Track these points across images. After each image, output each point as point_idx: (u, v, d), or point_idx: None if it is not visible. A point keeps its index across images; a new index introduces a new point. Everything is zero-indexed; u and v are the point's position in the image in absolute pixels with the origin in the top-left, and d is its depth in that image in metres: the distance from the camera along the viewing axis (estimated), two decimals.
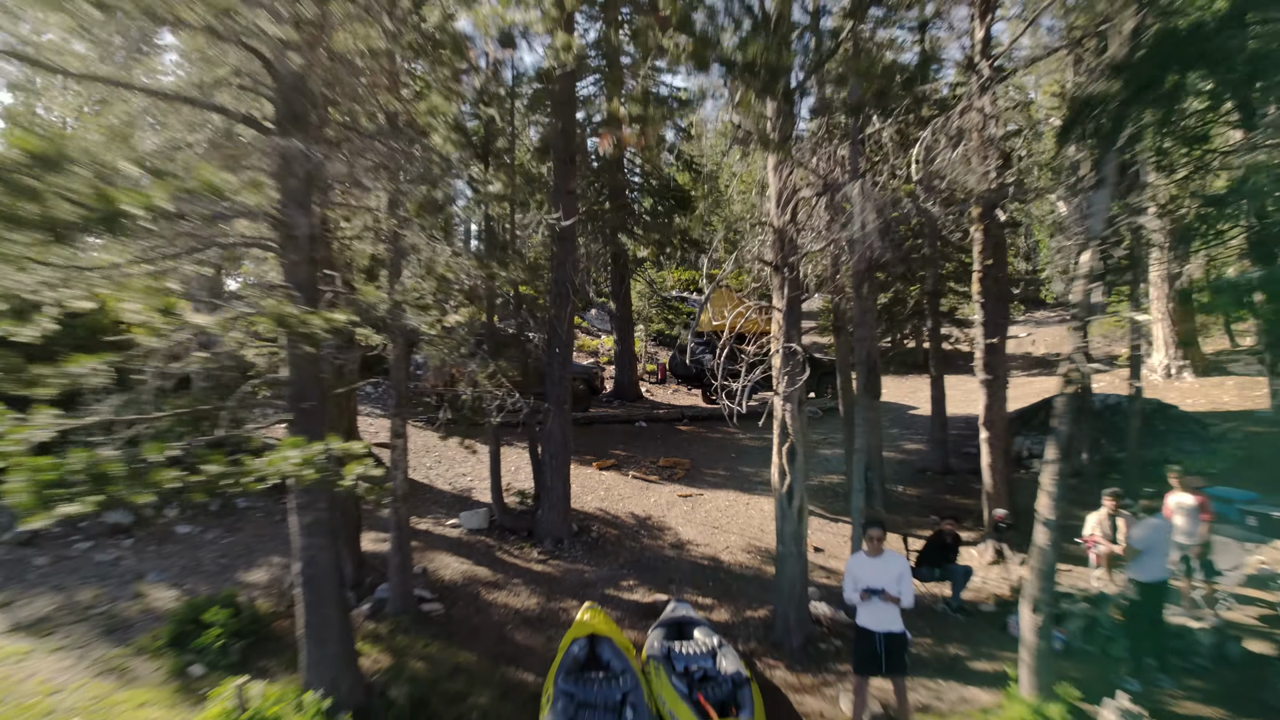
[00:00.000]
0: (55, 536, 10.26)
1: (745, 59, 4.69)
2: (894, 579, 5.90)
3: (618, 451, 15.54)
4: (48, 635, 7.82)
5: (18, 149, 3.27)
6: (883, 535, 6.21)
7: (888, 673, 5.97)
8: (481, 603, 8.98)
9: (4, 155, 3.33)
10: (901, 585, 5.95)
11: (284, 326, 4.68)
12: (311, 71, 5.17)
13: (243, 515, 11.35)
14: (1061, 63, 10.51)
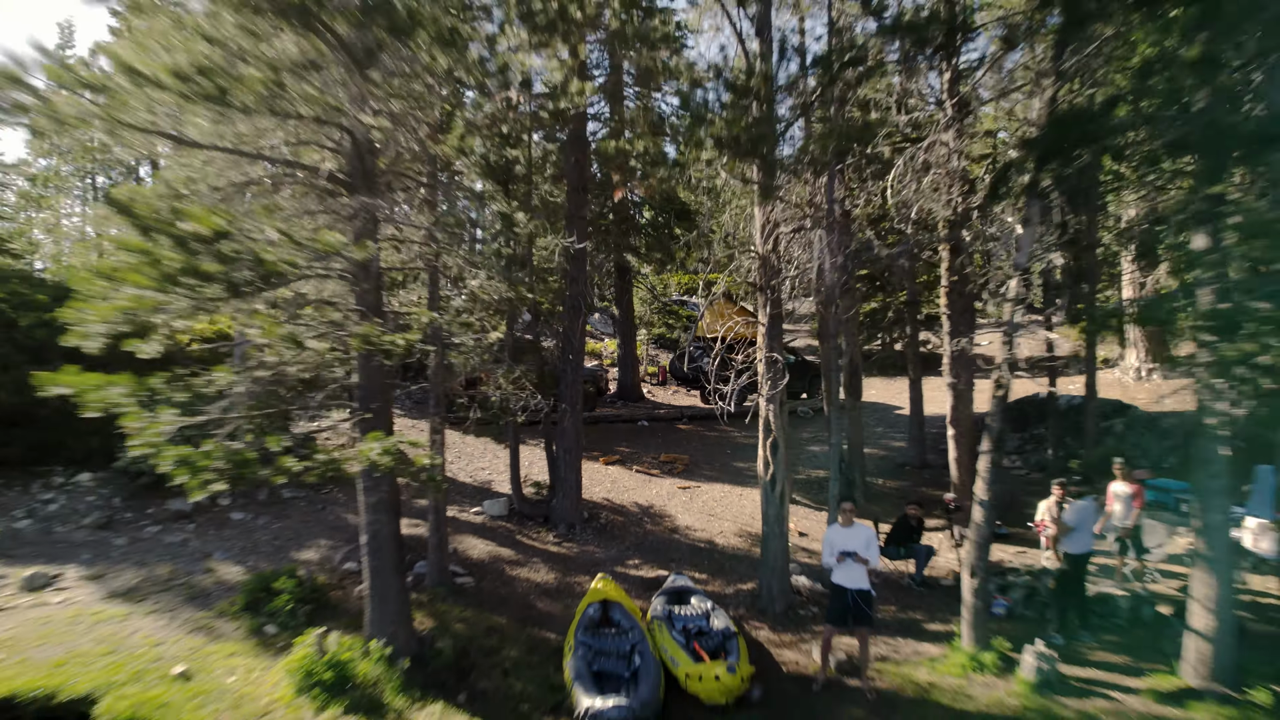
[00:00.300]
0: (128, 522, 11.63)
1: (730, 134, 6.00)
2: (863, 544, 7.24)
3: (622, 448, 16.87)
4: (140, 601, 9.16)
5: (205, 226, 4.59)
6: (853, 509, 7.56)
7: (855, 624, 7.30)
8: (506, 577, 10.33)
9: (195, 230, 4.65)
10: (869, 550, 7.28)
11: (369, 345, 6.01)
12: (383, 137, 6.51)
13: (289, 504, 12.70)
14: (1018, 102, 11.80)
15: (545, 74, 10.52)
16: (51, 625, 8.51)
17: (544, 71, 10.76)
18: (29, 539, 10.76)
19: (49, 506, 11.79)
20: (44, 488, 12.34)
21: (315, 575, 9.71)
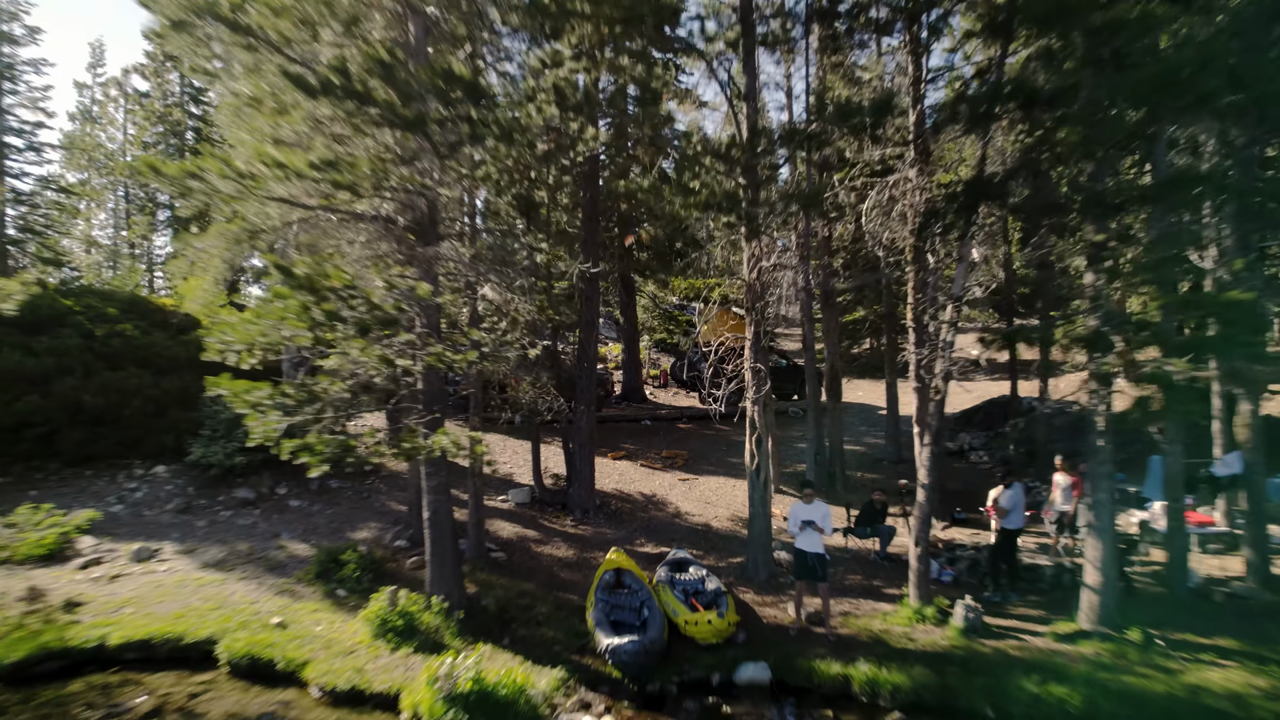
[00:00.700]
0: (203, 507, 13.47)
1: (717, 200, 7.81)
2: (820, 517, 9.07)
3: (627, 445, 18.69)
4: (230, 570, 11.00)
5: (338, 281, 6.40)
6: (814, 492, 9.38)
7: (815, 579, 9.13)
8: (532, 553, 12.15)
9: (332, 282, 6.45)
10: (825, 521, 9.11)
11: (441, 363, 7.83)
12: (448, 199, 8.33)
13: (337, 493, 14.53)
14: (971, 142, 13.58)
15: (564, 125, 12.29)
16: (163, 588, 10.34)
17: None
18: (125, 521, 12.59)
19: (135, 494, 13.63)
20: (128, 478, 14.18)
21: (373, 550, 11.52)
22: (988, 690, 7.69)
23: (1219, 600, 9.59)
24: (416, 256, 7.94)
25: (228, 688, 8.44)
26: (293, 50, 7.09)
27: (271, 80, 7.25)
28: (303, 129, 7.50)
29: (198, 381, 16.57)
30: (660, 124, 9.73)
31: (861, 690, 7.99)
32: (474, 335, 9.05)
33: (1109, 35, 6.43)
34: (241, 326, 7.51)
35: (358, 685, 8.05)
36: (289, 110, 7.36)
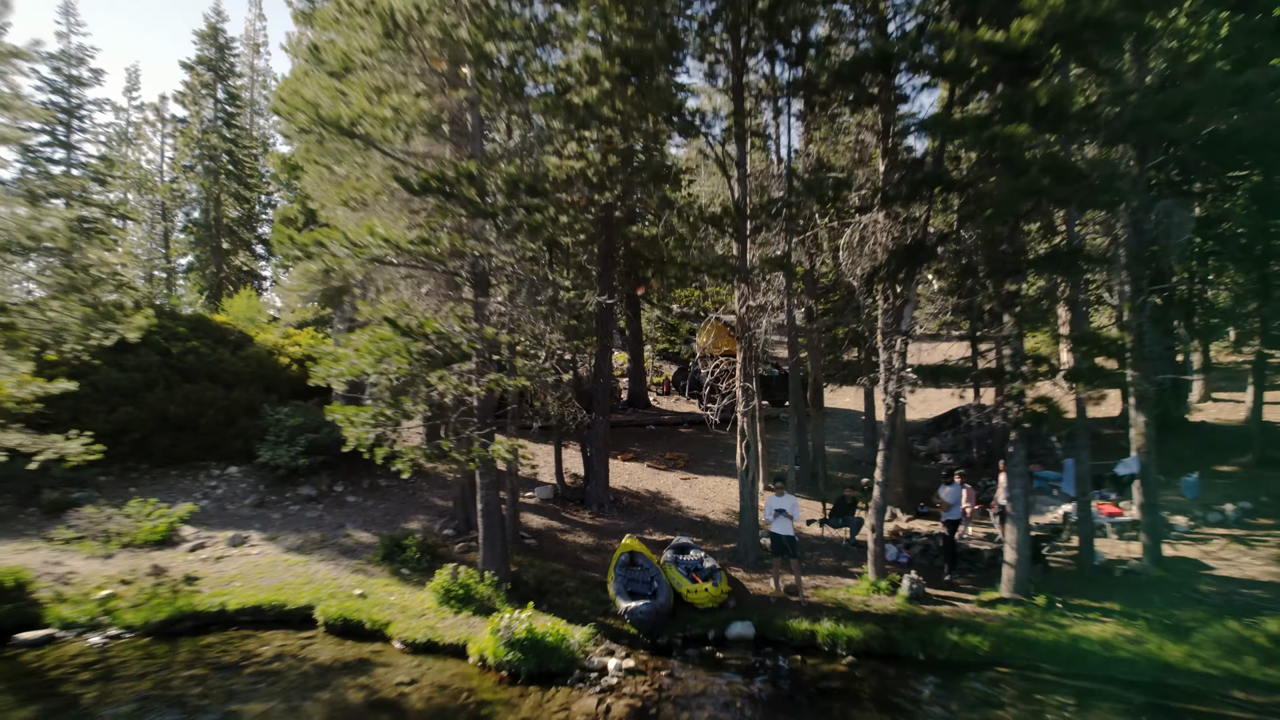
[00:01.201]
0: (274, 503, 15.77)
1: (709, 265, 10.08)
2: (790, 506, 11.37)
3: (635, 448, 20.98)
4: (310, 554, 13.30)
5: (429, 328, 8.67)
6: (784, 485, 11.71)
7: (788, 556, 11.44)
8: (559, 540, 14.45)
9: (418, 327, 8.73)
10: (794, 510, 11.42)
11: (497, 387, 10.12)
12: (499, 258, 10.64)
13: (386, 491, 16.81)
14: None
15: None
16: (260, 567, 12.65)
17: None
18: (213, 513, 14.90)
19: (216, 491, 15.93)
20: (208, 477, 16.48)
21: (426, 537, 13.81)
22: (920, 640, 10.00)
23: (1117, 575, 11.89)
24: (475, 303, 10.25)
25: (327, 642, 10.73)
26: (391, 149, 9.40)
27: (378, 174, 9.55)
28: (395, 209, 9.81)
29: (258, 393, 18.95)
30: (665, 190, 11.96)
31: (824, 642, 10.29)
32: (518, 363, 11.35)
33: (998, 146, 8.71)
34: (346, 359, 9.81)
35: (431, 638, 10.35)
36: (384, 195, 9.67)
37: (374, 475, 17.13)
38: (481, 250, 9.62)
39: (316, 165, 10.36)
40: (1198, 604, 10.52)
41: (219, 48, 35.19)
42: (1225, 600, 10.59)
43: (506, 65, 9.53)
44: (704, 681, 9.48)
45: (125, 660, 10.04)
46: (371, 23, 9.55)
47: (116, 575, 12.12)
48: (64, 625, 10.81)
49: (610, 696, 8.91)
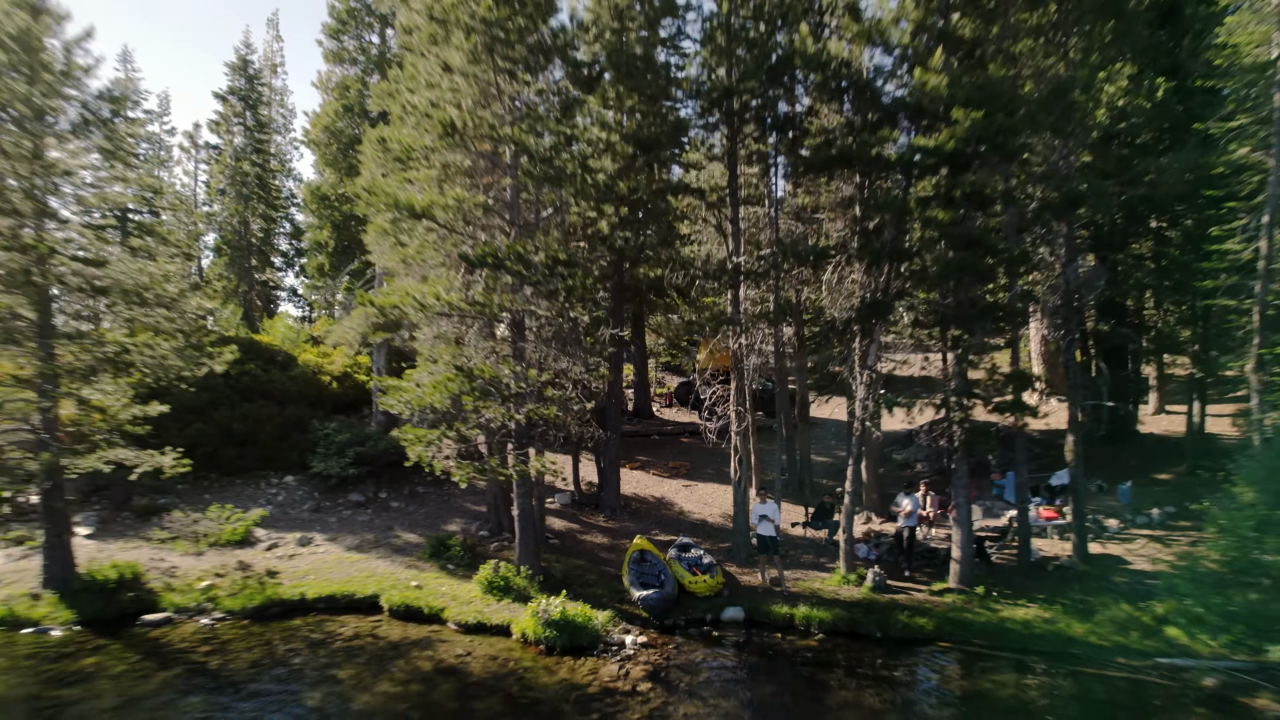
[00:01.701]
0: (328, 508, 18.08)
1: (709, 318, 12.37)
2: (772, 511, 13.69)
3: (641, 457, 23.29)
4: (367, 552, 15.61)
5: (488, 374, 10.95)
6: (765, 492, 14.01)
7: (772, 553, 13.75)
8: (578, 540, 16.76)
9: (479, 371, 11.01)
10: (775, 515, 13.73)
11: (535, 415, 12.44)
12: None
13: (425, 497, 19.13)
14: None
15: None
16: (327, 563, 14.97)
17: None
18: (278, 518, 17.22)
19: (277, 498, 18.26)
20: (268, 485, 18.80)
21: (466, 538, 16.12)
22: (878, 622, 12.31)
23: (1050, 570, 14.21)
24: (515, 347, 12.58)
25: (393, 624, 13.04)
26: (454, 228, 11.72)
27: (434, 242, 11.87)
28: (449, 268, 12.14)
29: (306, 409, 21.25)
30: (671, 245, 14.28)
31: (800, 623, 12.60)
32: (549, 393, 13.66)
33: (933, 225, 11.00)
34: (413, 392, 12.13)
35: (480, 620, 12.65)
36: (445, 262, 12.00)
37: (413, 483, 19.46)
38: (522, 306, 11.95)
39: (386, 235, 12.64)
40: (1108, 592, 12.82)
41: (249, 78, 37.53)
42: (1130, 588, 12.90)
43: (544, 158, 11.83)
44: (702, 654, 11.79)
45: (233, 637, 12.36)
46: (432, 125, 11.85)
47: (210, 569, 14.45)
48: (177, 609, 13.13)
49: (628, 664, 11.22)
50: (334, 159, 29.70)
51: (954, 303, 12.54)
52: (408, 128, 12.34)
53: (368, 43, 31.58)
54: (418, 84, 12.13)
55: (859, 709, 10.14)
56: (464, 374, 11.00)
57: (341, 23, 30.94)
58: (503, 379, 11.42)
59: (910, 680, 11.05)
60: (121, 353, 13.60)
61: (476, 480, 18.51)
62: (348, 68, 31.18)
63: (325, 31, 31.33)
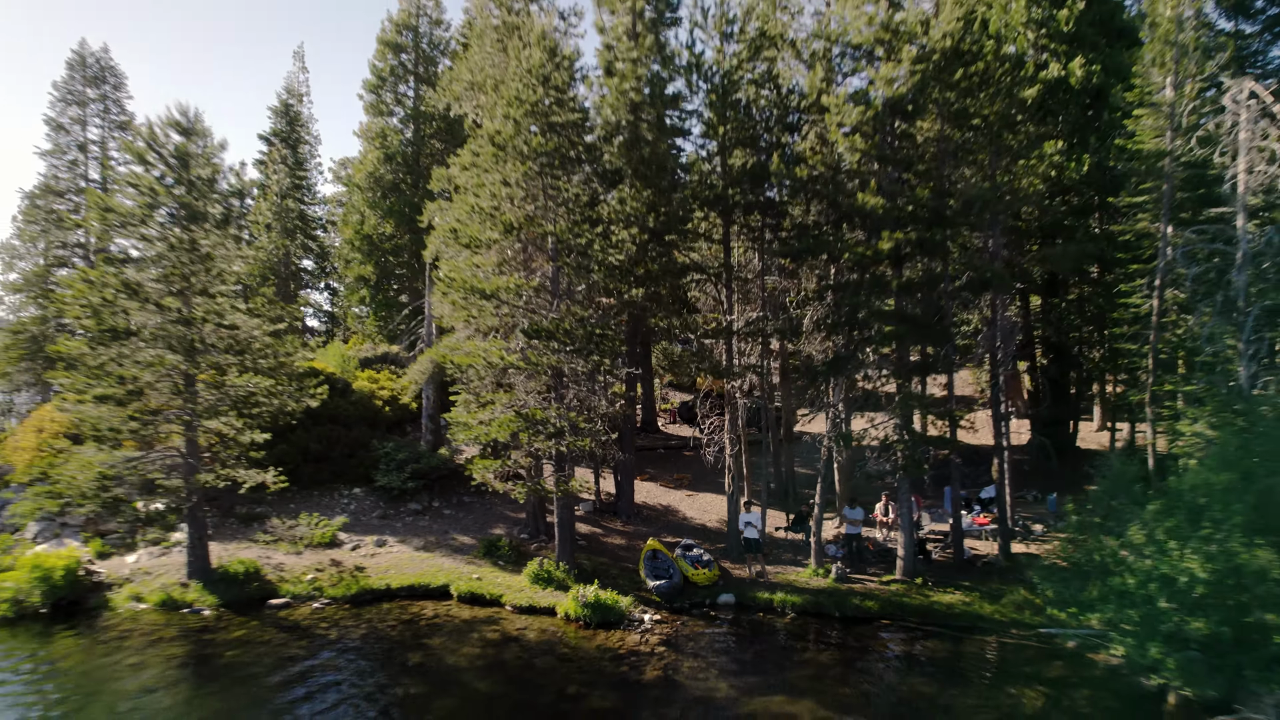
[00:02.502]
0: (393, 515, 21.82)
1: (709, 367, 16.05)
2: (756, 519, 17.43)
3: (649, 469, 27.00)
4: (431, 552, 19.34)
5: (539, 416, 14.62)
6: (751, 503, 17.74)
7: (756, 552, 17.48)
8: (600, 541, 20.48)
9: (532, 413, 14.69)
10: (758, 521, 17.47)
11: (574, 445, 16.17)
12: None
13: (470, 506, 22.85)
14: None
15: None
16: (402, 560, 18.70)
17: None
18: (353, 524, 20.95)
19: (350, 507, 21.99)
20: (340, 497, 22.54)
21: (511, 540, 19.84)
22: (836, 604, 16.03)
23: (977, 566, 17.92)
24: (558, 393, 16.31)
25: (462, 608, 16.75)
26: (514, 305, 15.43)
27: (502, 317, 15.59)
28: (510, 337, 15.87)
29: (366, 430, 24.95)
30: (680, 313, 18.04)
31: (777, 605, 16.31)
32: (582, 426, 17.37)
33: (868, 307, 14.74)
34: (480, 429, 15.86)
35: (531, 603, 16.37)
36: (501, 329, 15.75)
37: (459, 494, 23.20)
38: (563, 362, 15.67)
39: (458, 308, 16.28)
40: (1018, 582, 16.51)
41: (290, 121, 41.29)
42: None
43: (579, 250, 15.56)
44: (703, 628, 15.51)
45: (341, 617, 16.09)
46: (495, 225, 15.55)
47: (311, 565, 18.18)
48: (293, 596, 16.86)
49: (647, 634, 14.94)
50: (376, 202, 33.44)
51: (897, 359, 16.25)
52: (474, 223, 16.06)
53: (403, 95, 35.36)
54: (483, 191, 15.85)
55: (817, 665, 13.87)
56: (522, 417, 14.74)
57: (380, 79, 34.74)
58: (552, 420, 15.17)
59: (858, 646, 14.76)
60: (248, 395, 17.34)
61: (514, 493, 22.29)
62: (386, 118, 34.97)
63: (365, 87, 35.15)
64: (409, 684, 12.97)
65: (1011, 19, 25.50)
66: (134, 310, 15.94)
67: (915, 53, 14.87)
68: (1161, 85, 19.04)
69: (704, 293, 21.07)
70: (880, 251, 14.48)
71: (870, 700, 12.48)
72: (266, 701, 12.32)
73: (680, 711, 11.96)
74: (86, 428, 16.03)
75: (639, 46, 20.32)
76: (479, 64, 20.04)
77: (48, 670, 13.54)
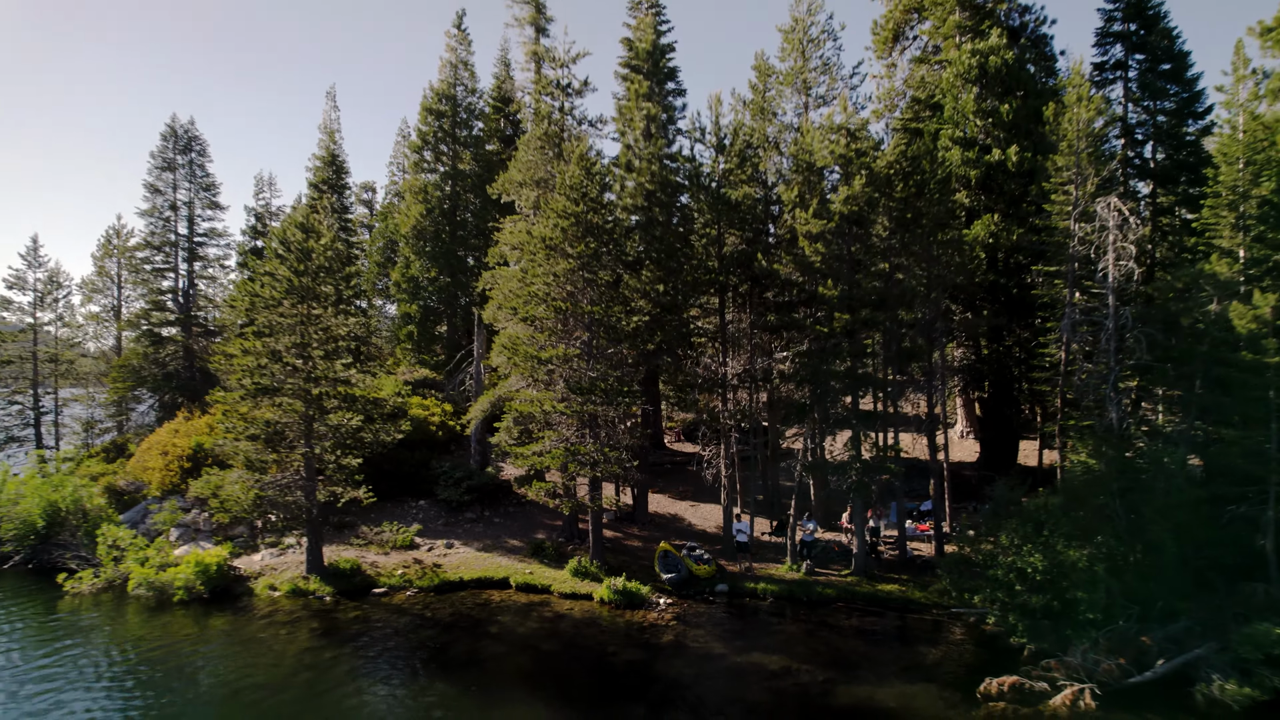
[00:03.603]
0: (454, 523, 27.05)
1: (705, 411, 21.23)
2: (745, 525, 22.60)
3: (659, 483, 32.16)
4: (490, 552, 24.56)
5: (577, 449, 19.75)
6: (743, 513, 22.91)
7: (746, 553, 22.64)
8: (622, 543, 25.66)
9: (577, 449, 19.82)
10: (747, 527, 22.65)
11: (606, 469, 21.37)
12: None
13: (514, 514, 28.06)
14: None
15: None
16: (468, 559, 23.92)
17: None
18: (424, 530, 26.14)
19: (418, 516, 27.20)
20: (409, 508, 27.74)
21: (552, 543, 25.00)
22: (804, 591, 21.19)
23: (917, 563, 23.06)
24: (593, 431, 21.49)
25: (520, 595, 21.92)
26: (562, 369, 20.62)
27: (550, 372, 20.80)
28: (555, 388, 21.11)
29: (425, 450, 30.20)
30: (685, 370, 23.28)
31: (760, 593, 21.46)
32: (612, 455, 22.54)
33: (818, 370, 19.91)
34: (534, 458, 21.05)
35: (574, 591, 21.54)
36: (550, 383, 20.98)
37: (506, 505, 28.39)
38: (598, 409, 20.83)
39: (518, 368, 21.36)
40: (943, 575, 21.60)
41: (337, 170, 46.53)
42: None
43: (609, 325, 20.70)
44: (703, 609, 20.67)
45: (430, 602, 21.26)
46: (547, 310, 20.70)
47: (398, 563, 23.37)
48: (390, 587, 22.04)
49: (663, 613, 20.11)
50: (421, 250, 38.61)
51: (850, 405, 21.40)
52: (531, 304, 21.21)
53: (442, 154, 40.55)
54: (537, 281, 21.01)
55: (787, 634, 19.03)
56: (569, 451, 19.91)
57: (424, 141, 39.97)
58: (590, 452, 20.33)
59: (818, 621, 19.87)
60: (354, 431, 22.53)
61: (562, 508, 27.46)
62: (427, 175, 40.18)
63: (409, 147, 40.45)
64: (492, 645, 18.15)
65: (963, 107, 30.61)
66: (276, 370, 21.12)
67: (865, 177, 20.03)
68: (1066, 181, 24.17)
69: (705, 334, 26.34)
70: (834, 330, 19.62)
71: (820, 654, 17.60)
72: (395, 656, 17.50)
73: (687, 663, 17.11)
74: (240, 460, 21.23)
75: (652, 144, 25.56)
76: (526, 164, 25.21)
77: (227, 639, 18.74)
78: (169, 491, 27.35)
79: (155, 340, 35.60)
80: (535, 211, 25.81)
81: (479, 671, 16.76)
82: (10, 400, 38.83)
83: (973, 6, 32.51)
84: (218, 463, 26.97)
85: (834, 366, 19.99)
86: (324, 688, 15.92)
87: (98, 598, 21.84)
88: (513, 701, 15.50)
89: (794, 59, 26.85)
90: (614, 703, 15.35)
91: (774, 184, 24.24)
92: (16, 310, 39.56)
